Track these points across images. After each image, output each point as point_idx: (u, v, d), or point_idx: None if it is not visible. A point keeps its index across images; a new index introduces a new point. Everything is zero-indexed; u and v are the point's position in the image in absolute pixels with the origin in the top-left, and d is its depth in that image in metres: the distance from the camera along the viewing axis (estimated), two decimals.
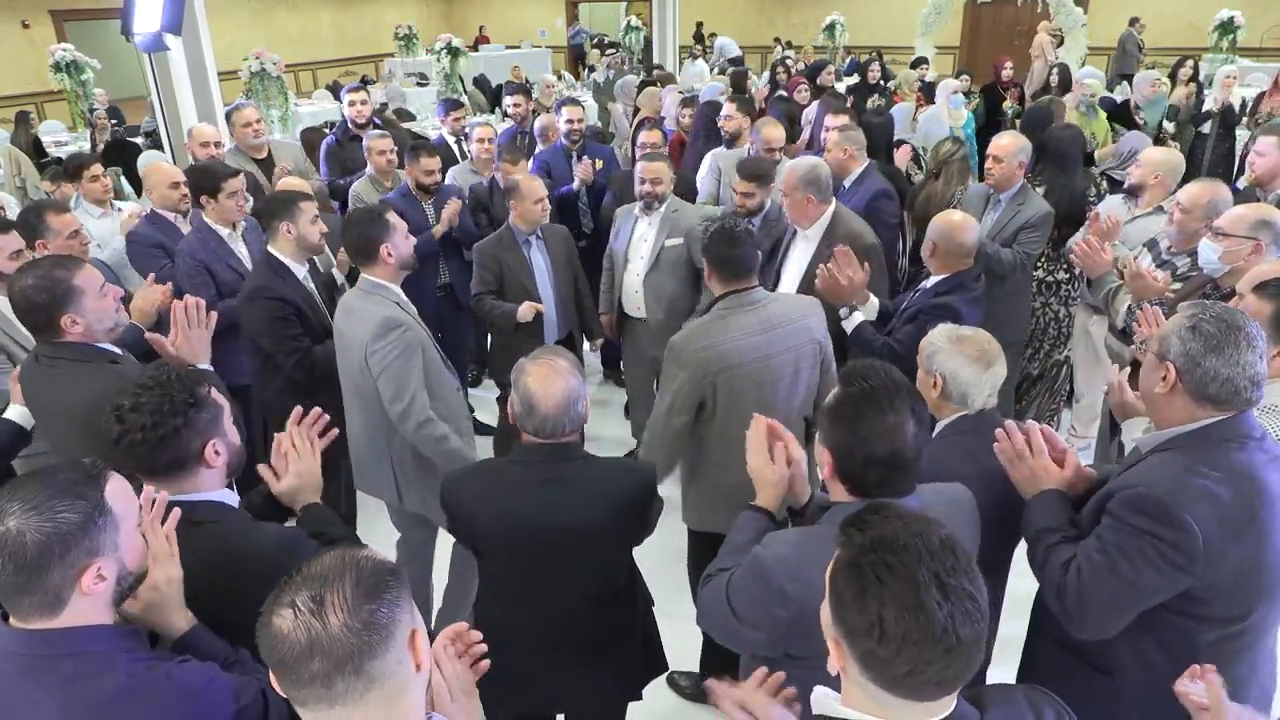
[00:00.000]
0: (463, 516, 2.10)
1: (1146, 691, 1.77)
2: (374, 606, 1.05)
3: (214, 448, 1.71)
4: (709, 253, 2.63)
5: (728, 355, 2.53)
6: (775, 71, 8.72)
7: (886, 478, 1.55)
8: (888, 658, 1.01)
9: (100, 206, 4.35)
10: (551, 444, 2.02)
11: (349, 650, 1.03)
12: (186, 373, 1.77)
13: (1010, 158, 3.84)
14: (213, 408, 1.73)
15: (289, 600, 1.05)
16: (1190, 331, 1.65)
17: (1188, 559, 1.60)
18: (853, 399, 1.57)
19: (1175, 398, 1.69)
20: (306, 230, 3.11)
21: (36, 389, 2.37)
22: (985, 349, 2.05)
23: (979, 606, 1.02)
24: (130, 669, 1.32)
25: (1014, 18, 16.02)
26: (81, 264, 2.35)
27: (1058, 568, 1.75)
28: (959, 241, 2.91)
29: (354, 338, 2.77)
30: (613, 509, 2.05)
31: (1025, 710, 1.20)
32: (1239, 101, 7.41)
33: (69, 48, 9.77)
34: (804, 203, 3.41)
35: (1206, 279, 2.87)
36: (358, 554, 1.11)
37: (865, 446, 1.53)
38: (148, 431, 1.63)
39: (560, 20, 19.66)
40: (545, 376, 1.98)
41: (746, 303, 2.59)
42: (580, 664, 2.16)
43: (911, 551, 1.03)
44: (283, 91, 8.32)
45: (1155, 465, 1.70)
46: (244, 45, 9.80)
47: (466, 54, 10.18)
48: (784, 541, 1.65)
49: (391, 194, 4.49)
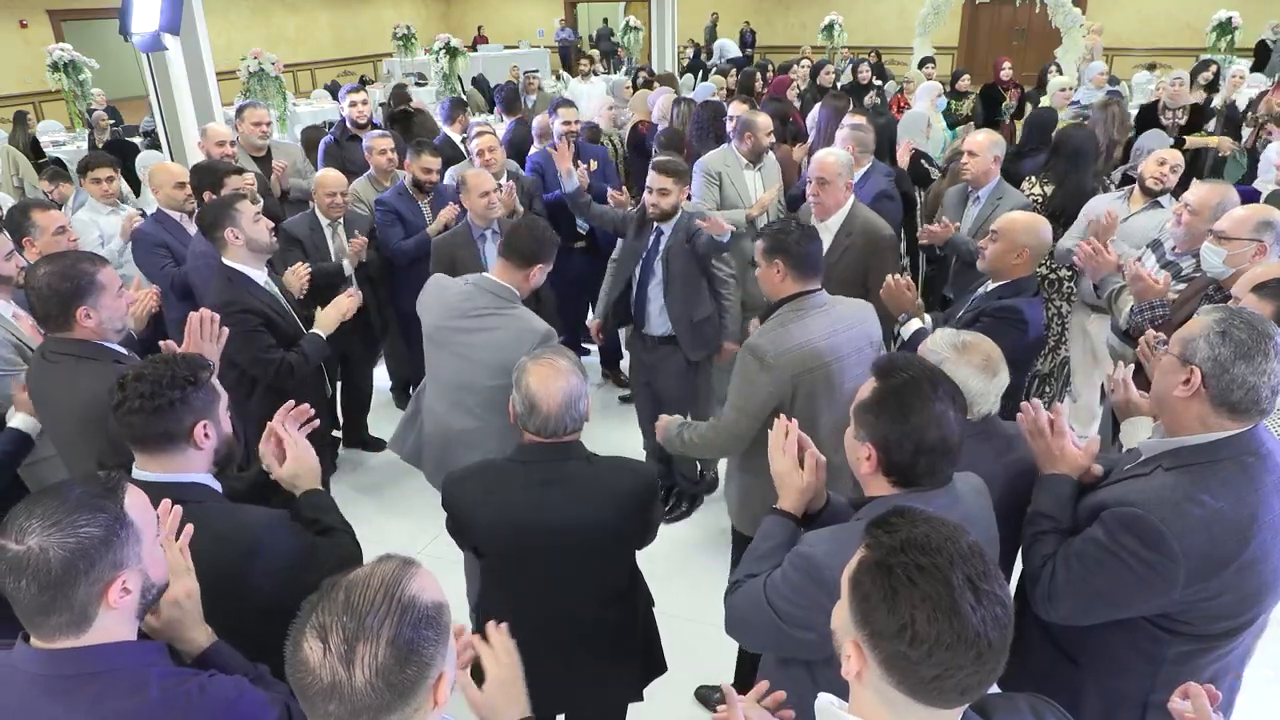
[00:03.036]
0: (463, 516, 2.08)
1: (1107, 687, 1.81)
2: (404, 668, 1.02)
3: (205, 429, 1.76)
4: (787, 251, 2.51)
5: (810, 357, 2.48)
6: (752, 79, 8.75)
7: (935, 465, 1.55)
8: (919, 660, 0.99)
9: (109, 204, 4.45)
10: (552, 443, 2.02)
11: (368, 705, 1.01)
12: (193, 356, 1.83)
13: (985, 152, 3.87)
14: (210, 391, 1.80)
15: (321, 630, 1.02)
16: (1220, 337, 1.62)
17: (1165, 585, 1.61)
18: (896, 390, 1.57)
19: (1194, 403, 1.66)
20: (252, 231, 3.03)
21: (44, 385, 2.38)
22: (990, 356, 2.02)
23: (1007, 612, 1.01)
24: (163, 684, 1.30)
25: (1012, 18, 16.06)
26: (105, 263, 2.39)
27: (1038, 558, 1.79)
28: (1046, 240, 2.88)
29: (488, 345, 2.71)
30: (614, 509, 2.04)
31: (1029, 718, 1.19)
32: (1244, 102, 7.43)
33: (66, 47, 9.74)
34: (842, 189, 3.52)
35: (1209, 281, 2.86)
36: (408, 587, 1.06)
37: (916, 435, 1.53)
38: (145, 400, 1.68)
39: (559, 20, 19.67)
40: (547, 376, 1.98)
41: (816, 304, 2.54)
42: (580, 665, 2.15)
43: (944, 554, 1.01)
44: (280, 91, 8.31)
45: (1157, 486, 1.67)
46: (242, 45, 9.80)
47: (465, 54, 10.16)
48: (830, 538, 1.62)
49: (387, 193, 4.49)
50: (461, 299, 2.79)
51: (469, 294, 2.79)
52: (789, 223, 2.65)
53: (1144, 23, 12.88)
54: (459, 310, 2.79)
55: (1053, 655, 1.89)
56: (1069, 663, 1.86)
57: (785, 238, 2.54)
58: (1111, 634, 1.76)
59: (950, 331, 2.13)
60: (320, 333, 3.18)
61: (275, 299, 3.16)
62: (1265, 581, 1.64)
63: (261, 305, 3.05)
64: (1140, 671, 1.77)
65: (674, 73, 10.73)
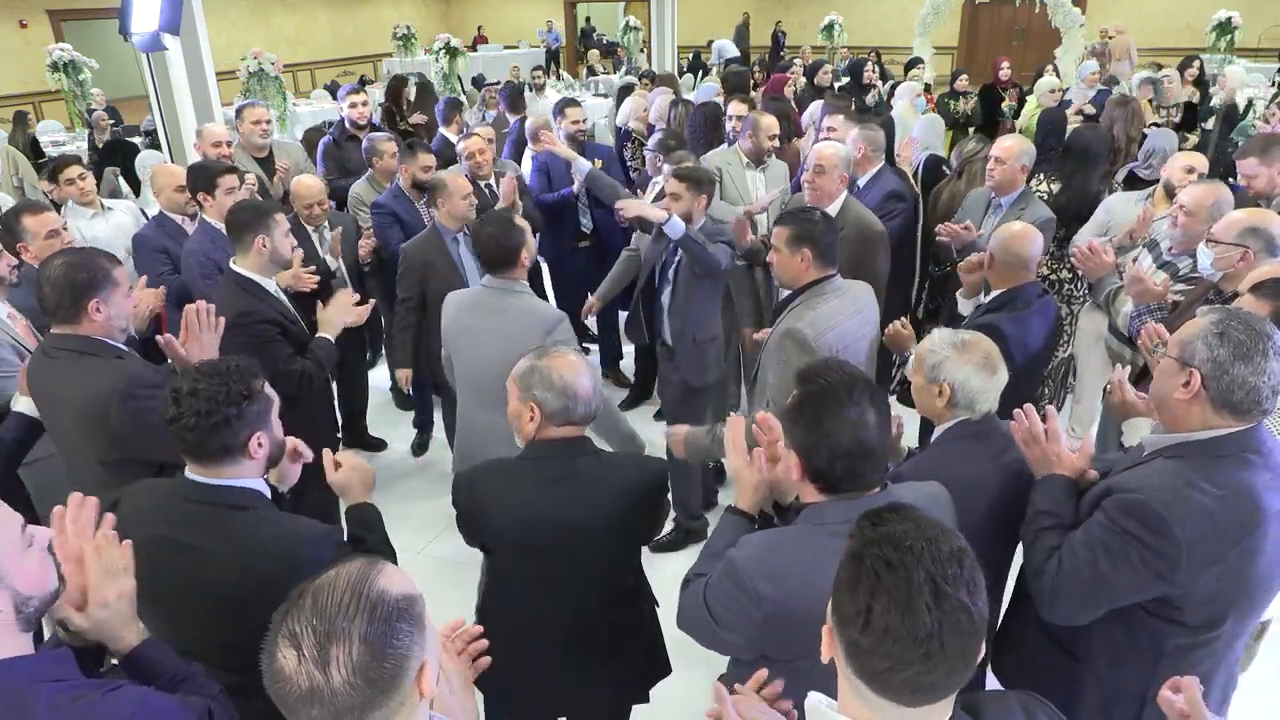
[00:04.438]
0: (475, 513, 2.07)
1: (1107, 681, 1.82)
2: (380, 662, 1.02)
3: (259, 440, 1.77)
4: (814, 240, 2.59)
5: (845, 335, 2.57)
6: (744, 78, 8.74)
7: (853, 468, 1.57)
8: (869, 649, 1.02)
9: (89, 208, 4.22)
10: (562, 440, 2.02)
11: (350, 705, 1.01)
12: (245, 364, 1.81)
13: (1013, 160, 3.78)
14: (264, 401, 1.80)
15: (293, 638, 1.02)
16: (1218, 338, 1.62)
17: (1168, 568, 1.62)
18: (812, 397, 1.60)
19: (1194, 404, 1.66)
20: (280, 245, 2.97)
21: (44, 381, 2.38)
22: (989, 355, 2.03)
23: (973, 620, 1.01)
24: (52, 701, 1.23)
25: (1012, 18, 16.07)
26: (120, 263, 2.41)
27: (1042, 551, 1.79)
28: (1015, 252, 2.81)
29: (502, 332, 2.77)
30: (624, 504, 2.03)
31: (1020, 716, 1.20)
32: (1244, 101, 7.43)
33: (66, 47, 9.75)
34: (837, 181, 3.58)
35: (1210, 285, 2.85)
36: (375, 583, 1.06)
37: (829, 440, 1.55)
38: (201, 418, 1.68)
39: (559, 20, 19.67)
40: (572, 364, 2.01)
41: (835, 288, 2.63)
42: (585, 665, 2.15)
43: (914, 553, 1.02)
44: (280, 91, 8.31)
45: (1158, 472, 1.69)
46: (241, 45, 9.81)
47: (465, 54, 10.17)
48: (756, 543, 1.65)
49: (383, 195, 4.48)
50: (473, 296, 2.95)
51: (478, 293, 2.94)
52: (812, 211, 2.69)
53: (1144, 23, 12.90)
54: (472, 304, 2.91)
55: (1051, 649, 1.90)
56: (1067, 657, 1.87)
57: (813, 227, 2.60)
58: (1110, 627, 1.77)
59: (949, 331, 2.15)
60: (328, 336, 3.13)
61: (285, 306, 3.13)
62: (1261, 573, 1.65)
63: (276, 314, 3.01)
64: (1138, 665, 1.78)
65: (674, 73, 10.71)
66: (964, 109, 7.94)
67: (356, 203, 4.67)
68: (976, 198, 4.12)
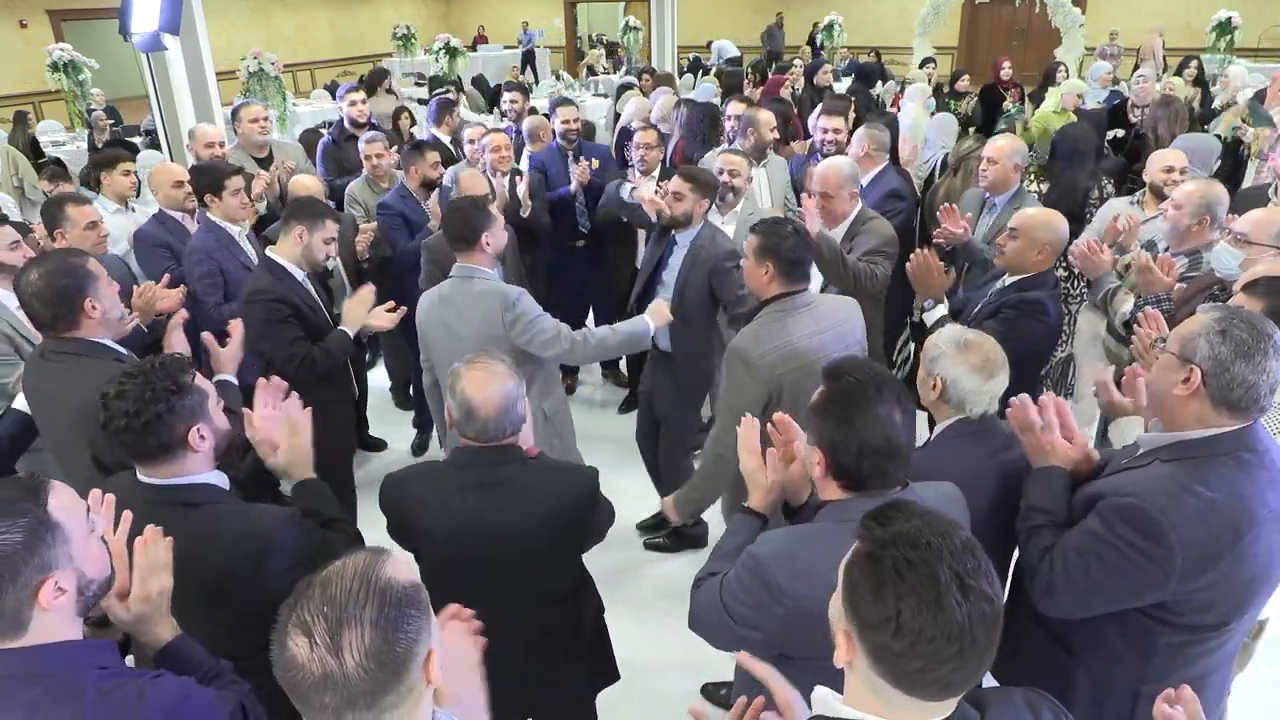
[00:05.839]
0: (402, 518, 2.06)
1: (1100, 676, 1.83)
2: (392, 647, 1.04)
3: (198, 432, 1.76)
4: (778, 254, 2.51)
5: (792, 356, 2.50)
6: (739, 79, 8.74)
7: (881, 467, 1.57)
8: (901, 652, 1.00)
9: (118, 203, 4.31)
10: (490, 447, 2.00)
11: (362, 690, 1.02)
12: (170, 359, 1.80)
13: (1005, 159, 3.79)
14: (196, 394, 1.78)
15: (305, 626, 1.03)
16: (1220, 336, 1.62)
17: (1163, 575, 1.62)
18: (842, 393, 1.60)
19: (1193, 401, 1.66)
20: (316, 244, 3.11)
21: (41, 385, 2.37)
22: (989, 358, 2.02)
23: (995, 610, 1.02)
24: (101, 687, 1.28)
25: (1012, 18, 16.06)
26: (87, 254, 2.40)
27: (1036, 551, 1.79)
28: (1056, 229, 2.84)
29: (471, 319, 2.85)
30: (552, 512, 2.02)
31: (1024, 712, 1.19)
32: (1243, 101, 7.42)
33: (66, 47, 9.74)
34: (847, 199, 3.52)
35: (1213, 280, 2.84)
36: (382, 571, 1.08)
37: (859, 438, 1.55)
38: (131, 418, 1.68)
39: (559, 20, 19.66)
40: (482, 380, 1.96)
41: (800, 304, 2.56)
42: (528, 668, 2.11)
43: (934, 549, 1.02)
44: (280, 91, 8.32)
45: (1154, 476, 1.68)
46: (241, 45, 9.81)
47: (465, 54, 10.17)
48: (780, 539, 1.65)
49: (388, 195, 4.47)
50: (439, 292, 3.00)
51: (442, 287, 3.01)
52: (785, 225, 2.60)
53: (1143, 22, 12.88)
54: (441, 299, 2.96)
55: (1045, 643, 1.90)
56: (1061, 650, 1.88)
57: (780, 241, 2.52)
58: (1104, 623, 1.77)
59: (958, 328, 2.15)
60: (348, 330, 3.16)
61: (309, 294, 3.18)
62: (1257, 575, 1.65)
63: (294, 297, 3.08)
64: (1132, 661, 1.78)
65: (673, 73, 10.72)
66: (964, 109, 7.94)
67: (352, 202, 4.66)
68: (971, 197, 4.14)
